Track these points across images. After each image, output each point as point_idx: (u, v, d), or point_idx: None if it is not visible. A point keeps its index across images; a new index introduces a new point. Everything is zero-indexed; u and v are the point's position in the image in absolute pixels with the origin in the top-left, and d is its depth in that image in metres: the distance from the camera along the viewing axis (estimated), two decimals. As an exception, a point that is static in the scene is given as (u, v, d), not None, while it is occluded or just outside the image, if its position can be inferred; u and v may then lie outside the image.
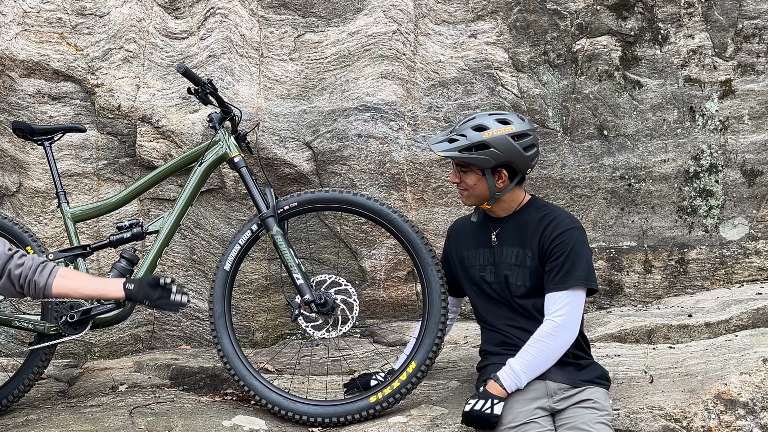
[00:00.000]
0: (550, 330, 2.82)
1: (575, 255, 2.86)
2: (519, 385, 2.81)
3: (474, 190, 2.97)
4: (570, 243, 2.86)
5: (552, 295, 2.86)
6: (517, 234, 2.97)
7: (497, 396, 2.79)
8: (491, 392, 2.80)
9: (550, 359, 2.83)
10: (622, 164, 4.08)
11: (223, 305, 3.37)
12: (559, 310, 2.83)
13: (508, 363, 2.83)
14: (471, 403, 2.80)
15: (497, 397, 2.78)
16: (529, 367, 2.81)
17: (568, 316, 2.82)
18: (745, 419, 2.88)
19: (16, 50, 4.02)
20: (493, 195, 2.96)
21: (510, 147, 2.89)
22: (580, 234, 2.91)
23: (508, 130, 2.90)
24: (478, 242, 3.07)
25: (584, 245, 2.90)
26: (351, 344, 3.93)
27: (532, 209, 3.00)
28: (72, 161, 4.07)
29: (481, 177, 2.94)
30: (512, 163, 2.91)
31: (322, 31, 4.08)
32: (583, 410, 2.80)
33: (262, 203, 3.35)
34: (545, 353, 2.82)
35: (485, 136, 2.89)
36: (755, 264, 4.08)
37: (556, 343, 2.82)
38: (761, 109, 4.06)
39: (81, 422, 3.14)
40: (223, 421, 3.13)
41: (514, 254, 2.96)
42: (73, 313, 3.32)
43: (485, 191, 2.96)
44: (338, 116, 3.98)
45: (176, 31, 4.10)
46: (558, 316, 2.82)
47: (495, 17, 4.09)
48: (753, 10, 4.05)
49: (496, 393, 2.79)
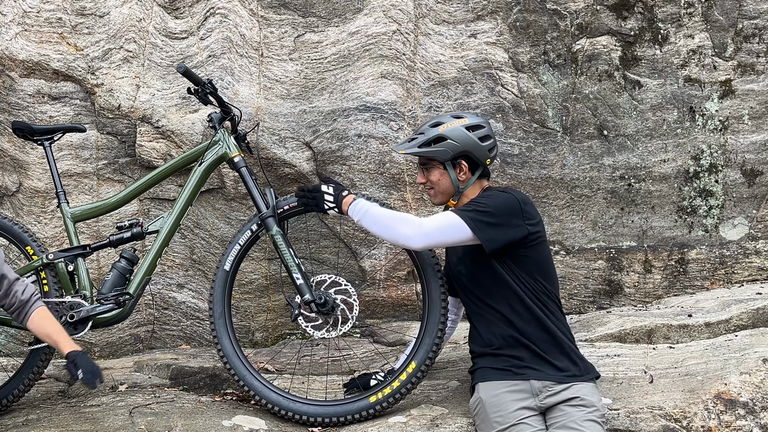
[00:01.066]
0: (415, 221, 2.96)
1: (482, 199, 2.99)
2: (353, 215, 3.04)
3: (439, 186, 3.10)
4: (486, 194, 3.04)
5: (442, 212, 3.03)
6: None
7: (341, 205, 3.07)
8: (343, 199, 3.07)
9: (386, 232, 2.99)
10: (622, 164, 4.08)
11: (223, 305, 3.37)
12: (432, 218, 2.96)
13: (371, 202, 3.06)
14: (327, 190, 3.10)
15: (339, 206, 3.07)
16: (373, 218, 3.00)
17: (433, 225, 2.93)
18: (745, 419, 2.88)
19: (16, 50, 4.02)
20: (457, 188, 3.09)
21: (465, 137, 3.05)
22: (502, 195, 3.02)
23: (461, 123, 3.08)
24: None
25: (495, 200, 2.98)
26: (351, 344, 3.93)
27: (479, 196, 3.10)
28: (72, 161, 4.07)
29: (443, 171, 3.08)
30: (470, 153, 3.06)
31: (322, 31, 4.08)
32: (572, 409, 2.79)
33: (262, 203, 3.35)
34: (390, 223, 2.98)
35: (441, 130, 3.07)
36: (755, 264, 4.08)
37: (402, 229, 2.96)
38: (761, 109, 4.06)
39: (81, 422, 3.14)
40: (223, 421, 3.13)
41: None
42: (73, 313, 3.32)
43: (449, 186, 3.09)
44: (338, 116, 3.98)
45: (176, 31, 4.10)
46: (428, 221, 2.94)
47: (495, 17, 4.09)
48: (753, 10, 4.05)
49: (344, 203, 3.07)
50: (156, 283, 4.08)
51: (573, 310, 4.08)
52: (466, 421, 3.04)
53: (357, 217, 3.04)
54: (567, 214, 4.09)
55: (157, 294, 4.11)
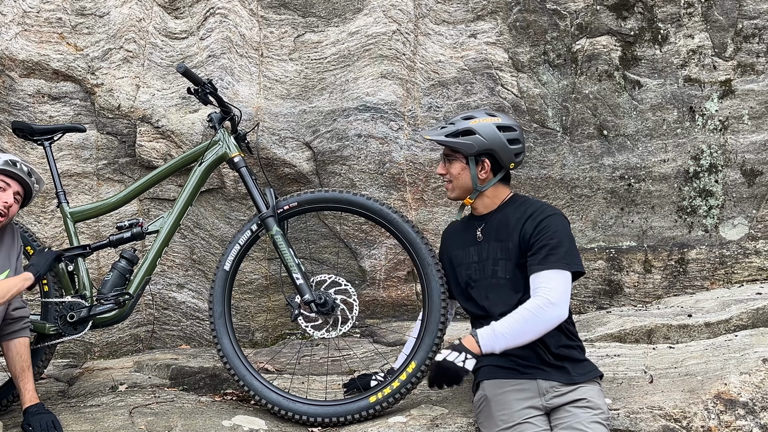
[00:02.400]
0: (543, 304, 2.80)
1: (557, 238, 2.88)
2: (493, 348, 2.79)
3: (458, 180, 3.05)
4: (551, 227, 2.90)
5: (537, 274, 2.86)
6: (500, 228, 3.01)
7: (471, 352, 2.78)
8: (466, 346, 2.78)
9: (533, 332, 2.81)
10: (622, 164, 4.08)
11: (222, 305, 3.37)
12: (548, 284, 2.83)
13: (492, 324, 2.83)
14: (444, 354, 2.79)
15: (471, 353, 2.77)
16: (510, 333, 2.79)
17: (557, 292, 2.81)
18: (744, 419, 2.88)
19: (16, 50, 4.02)
20: (475, 186, 3.03)
21: (495, 135, 3.00)
22: (561, 220, 2.95)
23: (494, 121, 3.03)
24: (466, 241, 3.11)
25: (565, 229, 2.93)
26: (351, 344, 3.93)
27: (513, 204, 3.06)
28: (72, 161, 4.07)
29: (465, 166, 3.03)
30: (495, 153, 3.00)
31: (322, 31, 4.08)
32: (578, 410, 2.79)
33: (262, 203, 3.35)
34: (529, 324, 2.80)
35: (472, 123, 3.02)
36: (755, 264, 4.08)
37: (545, 317, 2.80)
38: (761, 109, 4.06)
39: (81, 422, 3.14)
40: (223, 421, 3.13)
41: (500, 248, 2.99)
42: (73, 313, 3.33)
43: (468, 182, 3.04)
44: (338, 116, 3.98)
45: (176, 31, 4.10)
46: (548, 290, 2.82)
47: (495, 17, 4.09)
48: (753, 10, 4.05)
49: (470, 348, 2.78)
50: (156, 283, 4.08)
51: (573, 310, 4.07)
52: (466, 421, 3.04)
53: (497, 347, 2.80)
54: (567, 214, 4.08)
55: (157, 294, 4.12)
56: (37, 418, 2.99)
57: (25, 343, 3.10)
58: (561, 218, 2.96)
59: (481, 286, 3.04)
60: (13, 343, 3.07)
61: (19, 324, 3.08)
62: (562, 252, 2.86)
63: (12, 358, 3.07)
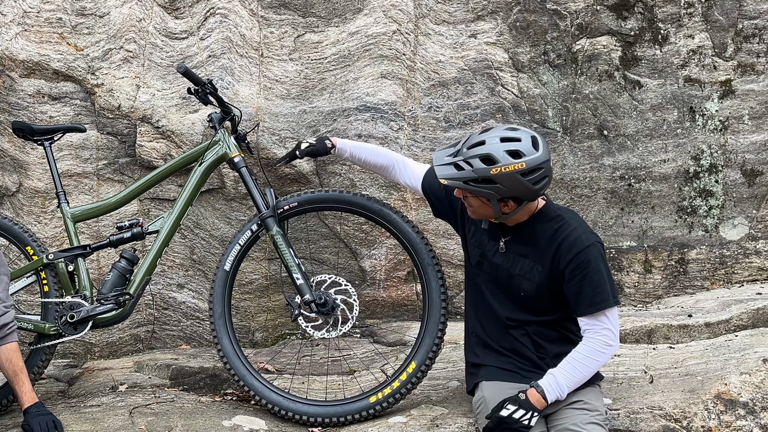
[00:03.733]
0: (601, 347, 2.76)
1: (599, 274, 2.76)
2: (560, 397, 2.75)
3: (479, 211, 2.87)
4: (590, 264, 2.76)
5: (588, 318, 2.78)
6: (528, 245, 2.88)
7: (537, 408, 2.72)
8: (532, 403, 2.72)
9: (591, 373, 2.80)
10: (622, 164, 4.08)
11: (223, 305, 3.37)
12: (605, 327, 2.77)
13: (552, 374, 2.76)
14: (510, 409, 2.71)
15: (537, 410, 2.72)
16: (573, 382, 2.77)
17: (614, 332, 2.78)
18: (745, 419, 2.88)
19: (16, 50, 4.02)
20: (498, 217, 2.86)
21: (518, 184, 2.71)
22: (598, 250, 2.79)
23: (518, 167, 2.69)
24: (486, 233, 2.99)
25: (603, 262, 2.81)
26: (351, 344, 3.93)
27: (544, 219, 2.87)
28: (72, 161, 4.07)
29: (486, 202, 2.80)
30: (519, 197, 2.78)
31: (322, 31, 4.08)
32: (575, 411, 2.79)
33: (262, 203, 3.35)
34: (592, 370, 2.79)
35: (492, 172, 2.69)
36: (755, 264, 4.08)
37: (604, 359, 2.79)
38: (761, 109, 4.06)
39: (81, 422, 3.14)
40: (223, 421, 3.13)
41: (524, 266, 2.89)
42: (74, 313, 3.33)
43: (490, 214, 2.85)
44: (338, 116, 3.98)
45: (176, 31, 4.10)
46: (606, 331, 2.77)
47: (495, 17, 4.09)
48: (753, 10, 4.05)
49: (537, 405, 2.72)
50: (156, 283, 4.08)
51: (573, 310, 4.08)
52: (466, 421, 3.04)
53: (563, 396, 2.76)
54: (567, 214, 4.10)
55: (157, 294, 4.12)
56: (37, 419, 2.99)
57: (13, 348, 3.07)
58: (598, 248, 2.80)
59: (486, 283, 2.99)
60: (1, 350, 3.05)
61: (3, 331, 3.04)
62: (606, 291, 2.77)
63: (3, 365, 3.06)
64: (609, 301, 2.77)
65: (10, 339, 3.06)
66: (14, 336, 3.08)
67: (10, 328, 3.06)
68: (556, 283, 2.84)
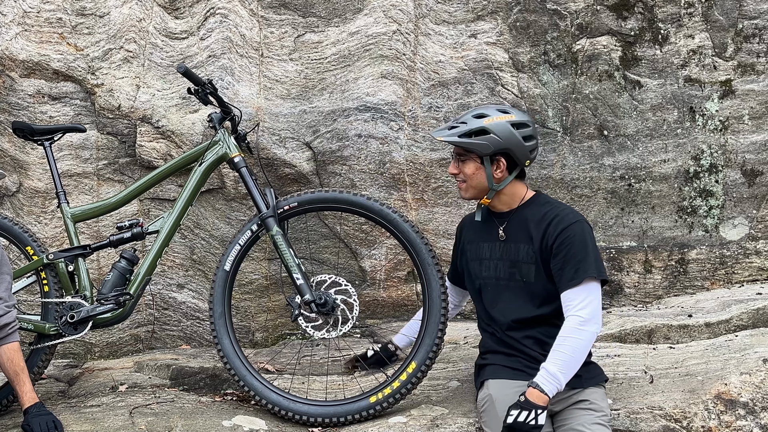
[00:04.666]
0: (577, 324, 2.76)
1: (583, 249, 2.83)
2: (559, 387, 2.74)
3: (472, 180, 2.96)
4: (575, 237, 2.83)
5: (568, 292, 2.81)
6: (523, 229, 2.95)
7: (540, 405, 2.70)
8: (533, 401, 2.70)
9: (582, 355, 2.79)
10: (622, 164, 4.08)
11: (223, 305, 3.37)
12: (581, 303, 2.78)
13: (543, 367, 2.76)
14: (513, 414, 2.70)
15: (540, 407, 2.70)
16: (565, 367, 2.75)
17: (590, 309, 2.78)
18: (745, 419, 2.88)
19: (16, 50, 4.02)
20: (491, 185, 2.95)
21: (509, 134, 2.90)
22: (584, 227, 2.88)
23: (508, 118, 2.93)
24: (483, 236, 3.05)
25: (590, 238, 2.87)
26: (351, 344, 3.93)
27: (535, 205, 2.97)
28: (72, 161, 4.07)
29: (479, 165, 2.94)
30: (511, 152, 2.91)
31: (322, 31, 4.08)
32: (580, 411, 2.79)
33: (262, 203, 3.35)
34: (576, 349, 2.76)
35: (485, 122, 2.91)
36: (755, 264, 4.08)
37: (584, 336, 2.76)
38: (761, 109, 4.06)
39: (81, 422, 3.14)
40: (223, 421, 3.13)
41: (524, 250, 2.94)
42: (74, 314, 3.33)
43: (483, 182, 2.95)
44: (338, 116, 3.98)
45: (176, 31, 4.10)
46: (581, 309, 2.78)
47: (495, 17, 4.09)
48: (753, 10, 4.05)
49: (539, 402, 2.70)
50: (156, 284, 4.08)
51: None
52: (466, 421, 3.04)
53: (561, 386, 2.75)
54: (567, 214, 4.10)
55: (157, 294, 4.12)
56: (37, 419, 2.99)
57: (14, 348, 3.07)
58: (583, 225, 2.88)
59: (491, 286, 3.01)
60: (2, 350, 3.05)
61: (5, 331, 3.04)
62: (588, 264, 2.80)
63: (4, 364, 3.06)
64: (590, 271, 2.79)
65: (12, 339, 3.07)
66: (16, 336, 3.09)
67: (11, 328, 3.06)
68: (547, 263, 2.88)
